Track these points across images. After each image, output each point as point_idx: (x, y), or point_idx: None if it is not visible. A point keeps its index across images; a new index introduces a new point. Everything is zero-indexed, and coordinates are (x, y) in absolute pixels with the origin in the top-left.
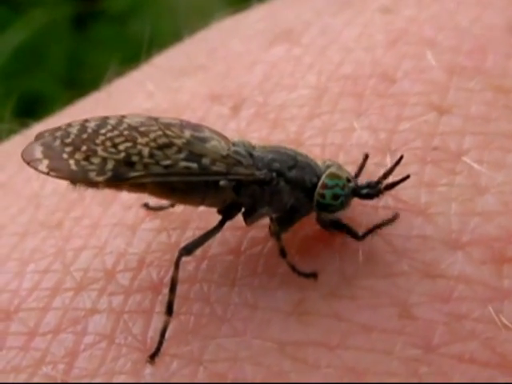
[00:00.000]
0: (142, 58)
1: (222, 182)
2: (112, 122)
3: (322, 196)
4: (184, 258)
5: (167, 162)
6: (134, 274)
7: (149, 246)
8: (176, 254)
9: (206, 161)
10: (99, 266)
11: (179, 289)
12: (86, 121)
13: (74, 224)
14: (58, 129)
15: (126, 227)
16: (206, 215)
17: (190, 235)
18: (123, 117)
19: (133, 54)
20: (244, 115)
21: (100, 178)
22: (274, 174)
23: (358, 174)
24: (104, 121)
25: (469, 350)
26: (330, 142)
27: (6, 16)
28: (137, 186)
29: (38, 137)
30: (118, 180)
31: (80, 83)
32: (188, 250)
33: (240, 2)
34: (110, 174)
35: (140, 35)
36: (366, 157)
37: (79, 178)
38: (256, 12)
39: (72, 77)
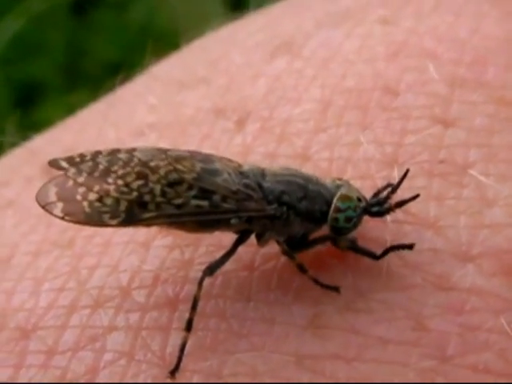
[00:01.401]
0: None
1: (232, 221)
2: (123, 156)
3: (336, 220)
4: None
5: (179, 201)
6: (150, 291)
7: (163, 262)
8: (192, 271)
9: (216, 198)
10: (114, 284)
11: None
12: (98, 153)
13: (86, 242)
14: (71, 159)
15: (139, 245)
16: (217, 232)
17: (204, 252)
18: (134, 150)
19: (132, 41)
20: (249, 130)
21: (114, 222)
22: (285, 208)
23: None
24: (115, 155)
25: (483, 361)
26: (338, 156)
27: (5, 2)
28: (152, 225)
29: (52, 163)
30: (131, 222)
31: (79, 70)
32: (211, 270)
33: (236, 5)
34: (123, 215)
35: (139, 21)
36: (389, 184)
37: (94, 222)
38: (254, 21)
39: (71, 64)
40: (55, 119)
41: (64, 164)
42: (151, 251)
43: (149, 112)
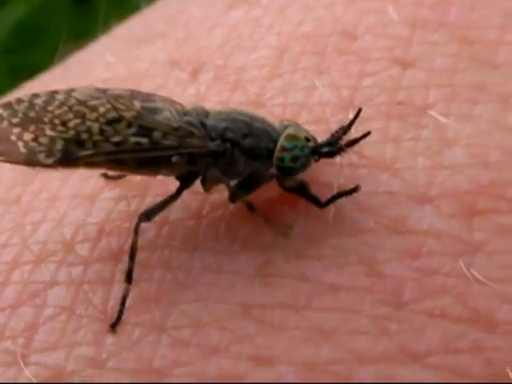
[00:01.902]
0: None
1: (174, 158)
2: (60, 97)
3: (281, 159)
4: (143, 225)
5: (117, 139)
6: (93, 244)
7: (108, 215)
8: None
9: (157, 134)
10: (58, 238)
11: (139, 256)
12: (35, 96)
13: (33, 198)
14: (9, 104)
15: (85, 198)
16: (166, 181)
17: (151, 202)
18: (72, 90)
19: None
20: (203, 79)
21: (50, 161)
22: (228, 145)
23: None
24: (52, 96)
25: (440, 306)
26: (292, 102)
27: None
28: (90, 164)
29: None
30: (67, 160)
31: None
32: (147, 215)
33: None
34: (59, 154)
35: (140, 10)
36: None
37: (29, 161)
38: None
39: (72, 52)
40: None
41: (0, 110)
42: (97, 204)
43: (105, 69)
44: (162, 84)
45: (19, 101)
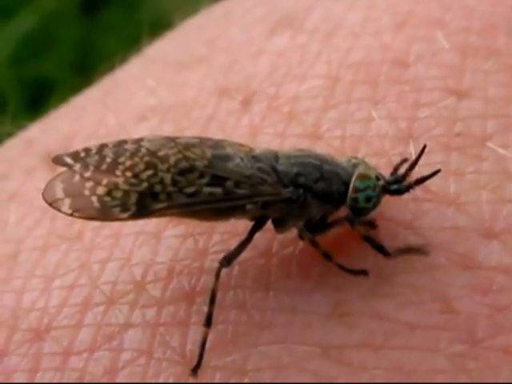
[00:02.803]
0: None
1: (248, 206)
2: (130, 147)
3: (355, 200)
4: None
5: (191, 190)
6: (165, 284)
7: (176, 253)
8: (207, 261)
9: (229, 184)
10: (127, 278)
11: None
12: (104, 146)
13: (95, 235)
14: (76, 154)
15: (150, 235)
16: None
17: (218, 240)
18: (141, 139)
19: (142, 39)
20: (256, 109)
21: (125, 215)
22: (301, 191)
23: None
24: (121, 146)
25: None
26: (350, 134)
27: (16, 1)
28: (163, 215)
29: (56, 160)
30: (142, 214)
31: (89, 69)
32: (228, 260)
33: None
34: (134, 208)
35: (150, 20)
36: (405, 160)
37: (104, 217)
38: None
39: (81, 62)
40: None
41: (69, 160)
42: (163, 242)
43: (148, 95)
44: (213, 114)
45: (87, 150)
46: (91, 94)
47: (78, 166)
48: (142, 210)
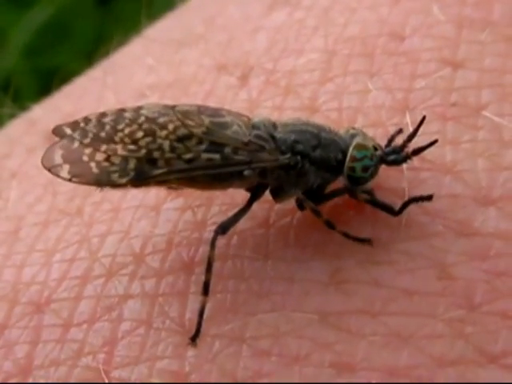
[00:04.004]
0: None
1: (246, 172)
2: (129, 115)
3: (352, 169)
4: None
5: (189, 156)
6: (164, 256)
7: (175, 225)
8: (206, 232)
9: (228, 150)
10: (127, 251)
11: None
12: (103, 115)
13: (95, 209)
14: (76, 124)
15: (149, 208)
16: (229, 190)
17: (217, 211)
18: (140, 108)
19: None
20: (254, 84)
21: (123, 180)
22: (299, 157)
23: (387, 145)
24: (121, 114)
25: None
26: (347, 106)
27: None
28: (161, 182)
29: (55, 131)
30: (141, 179)
31: (104, 60)
32: (223, 228)
33: None
34: (132, 174)
35: (163, 12)
36: (400, 130)
37: (103, 182)
38: None
39: (96, 53)
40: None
41: (68, 131)
42: (162, 214)
43: (148, 73)
44: (212, 89)
45: (86, 120)
46: (92, 74)
47: (76, 133)
48: (140, 176)
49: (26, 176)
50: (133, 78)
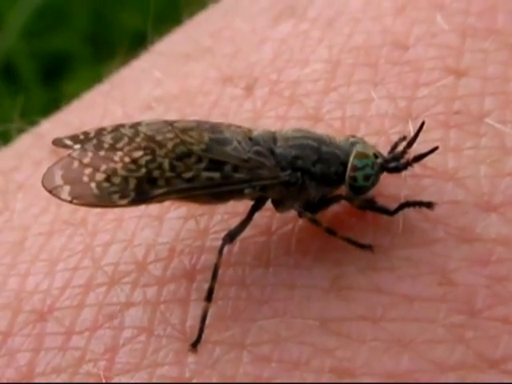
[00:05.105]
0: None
1: (246, 190)
2: (127, 132)
3: (354, 179)
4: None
5: (189, 175)
6: (166, 264)
7: (178, 234)
8: (208, 240)
9: (227, 168)
10: (130, 259)
11: None
12: (102, 130)
13: (99, 219)
14: (75, 138)
15: (152, 218)
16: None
17: (219, 220)
18: (138, 124)
19: (158, 12)
20: (258, 94)
21: (124, 202)
22: (299, 174)
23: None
24: (119, 130)
25: None
26: (350, 115)
27: None
28: (162, 200)
29: (56, 142)
30: (141, 200)
31: (106, 41)
32: (231, 237)
33: None
34: (133, 194)
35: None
36: (404, 138)
37: (103, 203)
38: None
39: (97, 34)
40: (84, 90)
41: (68, 142)
42: (165, 223)
43: (155, 86)
44: (217, 100)
45: (86, 134)
46: (100, 89)
47: (76, 153)
48: (140, 196)
49: (32, 188)
50: (140, 90)
